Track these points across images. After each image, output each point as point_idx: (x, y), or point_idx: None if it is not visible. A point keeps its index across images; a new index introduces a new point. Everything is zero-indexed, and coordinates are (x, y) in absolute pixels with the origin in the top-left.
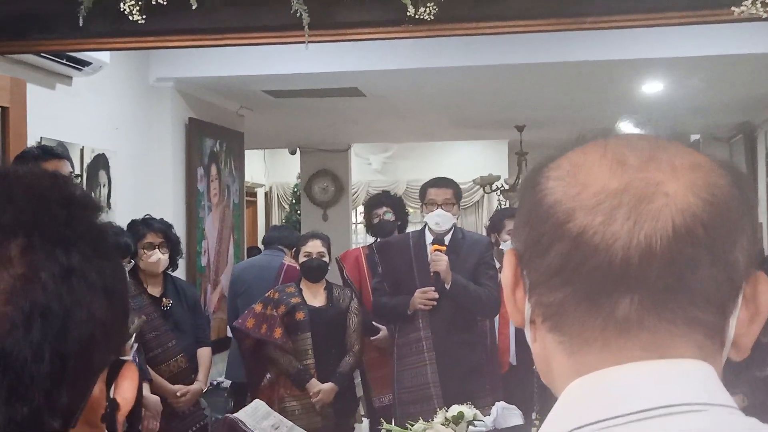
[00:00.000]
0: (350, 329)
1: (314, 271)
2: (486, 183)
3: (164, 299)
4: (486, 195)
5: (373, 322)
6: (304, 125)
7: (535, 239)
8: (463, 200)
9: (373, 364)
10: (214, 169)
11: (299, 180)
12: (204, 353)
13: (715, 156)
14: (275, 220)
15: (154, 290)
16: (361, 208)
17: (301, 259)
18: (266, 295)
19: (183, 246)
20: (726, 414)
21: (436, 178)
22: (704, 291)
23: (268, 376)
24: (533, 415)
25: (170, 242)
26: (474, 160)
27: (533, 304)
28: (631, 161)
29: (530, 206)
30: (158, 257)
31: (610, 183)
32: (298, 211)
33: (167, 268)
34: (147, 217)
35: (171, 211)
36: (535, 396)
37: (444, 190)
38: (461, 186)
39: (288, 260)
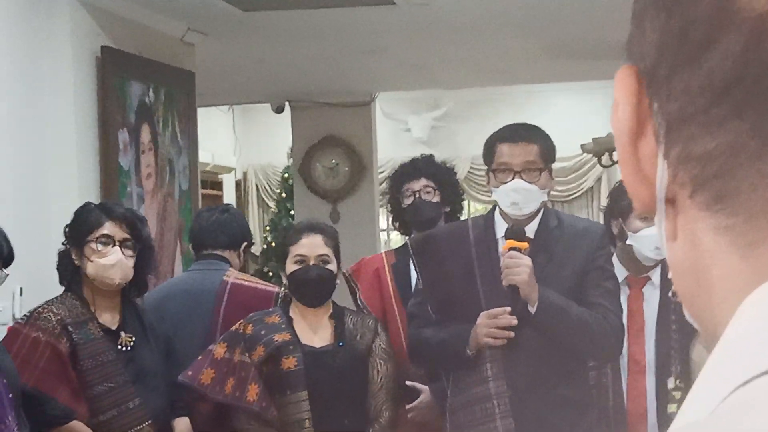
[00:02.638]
0: (375, 385)
1: (311, 287)
2: (605, 150)
3: (123, 334)
4: (606, 171)
5: (407, 382)
6: (296, 62)
7: (677, 35)
8: (567, 184)
9: None
10: (146, 133)
11: (291, 159)
12: (182, 426)
13: None
14: (255, 225)
15: (108, 318)
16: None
17: (290, 267)
18: (233, 328)
19: None
20: None
21: (511, 126)
22: None
23: None
24: (670, 383)
25: (140, 242)
26: (583, 116)
27: (674, 161)
28: None
29: None
30: (118, 258)
31: None
32: (292, 211)
33: (131, 288)
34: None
35: (76, 198)
36: (672, 349)
37: (524, 146)
38: (564, 158)
39: (234, 275)
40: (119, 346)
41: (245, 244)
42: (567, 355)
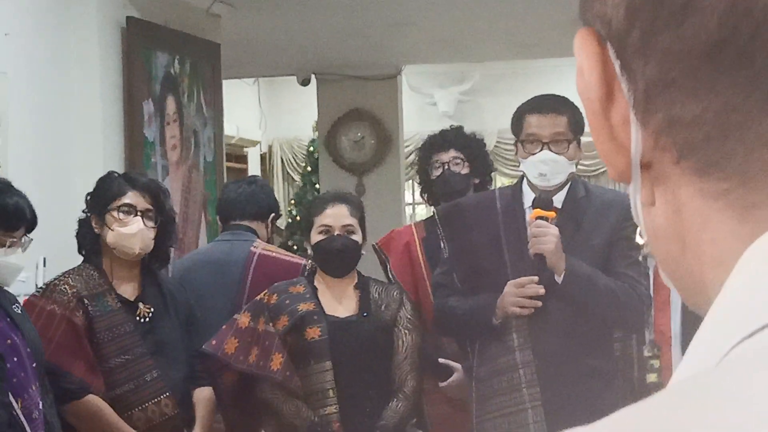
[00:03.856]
0: (399, 355)
1: (336, 257)
2: None
3: (142, 305)
4: None
5: (440, 360)
6: (322, 34)
7: None
8: (593, 159)
9: (444, 425)
10: (171, 104)
11: (317, 133)
12: (203, 396)
13: None
14: (280, 198)
15: (126, 289)
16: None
17: (314, 237)
18: (258, 298)
19: None
20: None
21: (539, 97)
22: None
23: None
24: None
25: (162, 214)
26: None
27: (656, 127)
28: None
29: None
30: (139, 227)
31: None
32: (317, 184)
33: (152, 260)
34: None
35: (100, 169)
36: (699, 320)
37: (553, 117)
38: (590, 133)
39: (262, 246)
40: (137, 318)
41: (273, 215)
42: (593, 325)
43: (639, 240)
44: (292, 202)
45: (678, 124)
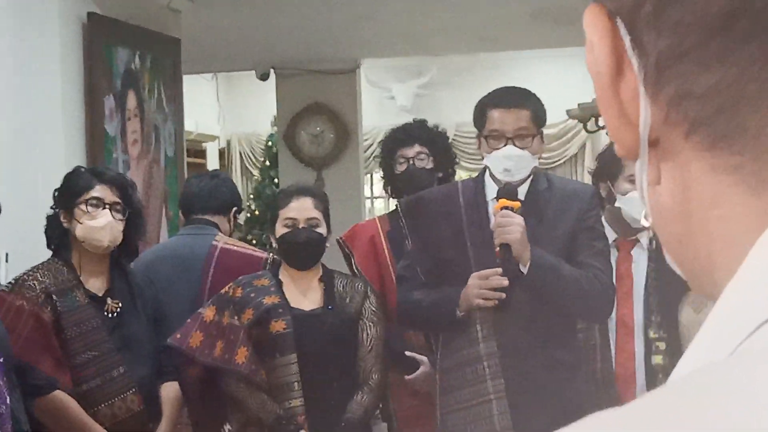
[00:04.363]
0: (364, 348)
1: (301, 250)
2: (590, 116)
3: (110, 300)
4: (590, 137)
5: (407, 353)
6: (280, 28)
7: None
8: (551, 151)
9: (410, 418)
10: (132, 99)
11: (276, 128)
12: (170, 391)
13: None
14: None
15: (95, 284)
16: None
17: (279, 230)
18: (223, 291)
19: None
20: None
21: (502, 90)
22: None
23: (227, 428)
24: (651, 331)
25: (130, 207)
26: (568, 83)
27: (666, 101)
28: None
29: None
30: (107, 220)
31: None
32: (276, 178)
33: (120, 253)
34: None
35: (62, 165)
36: (660, 310)
37: (516, 111)
38: (549, 125)
39: (223, 240)
40: (105, 313)
41: (235, 209)
42: (557, 316)
43: (644, 222)
44: (251, 196)
45: (690, 96)
